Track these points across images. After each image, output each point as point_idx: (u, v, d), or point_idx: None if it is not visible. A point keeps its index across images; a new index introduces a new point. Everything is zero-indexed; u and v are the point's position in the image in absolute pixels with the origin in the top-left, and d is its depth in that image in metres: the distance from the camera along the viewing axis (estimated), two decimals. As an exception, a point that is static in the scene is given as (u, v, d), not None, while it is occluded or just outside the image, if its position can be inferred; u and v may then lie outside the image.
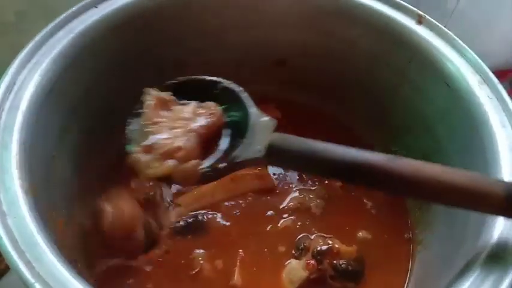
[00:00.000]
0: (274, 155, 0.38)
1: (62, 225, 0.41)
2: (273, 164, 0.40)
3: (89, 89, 0.48)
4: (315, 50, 0.57)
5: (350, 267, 0.47)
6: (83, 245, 0.45)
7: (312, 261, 0.47)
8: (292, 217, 0.52)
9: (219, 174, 0.39)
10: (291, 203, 0.53)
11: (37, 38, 0.43)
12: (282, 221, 0.52)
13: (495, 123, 0.43)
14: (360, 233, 0.51)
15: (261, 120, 0.39)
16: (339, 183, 0.55)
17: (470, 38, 0.49)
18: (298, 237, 0.51)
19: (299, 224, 0.52)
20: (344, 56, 0.56)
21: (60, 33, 0.44)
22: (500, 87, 0.45)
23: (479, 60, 0.47)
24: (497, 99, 0.44)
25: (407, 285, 0.48)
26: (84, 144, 0.48)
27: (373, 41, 0.52)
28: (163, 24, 0.52)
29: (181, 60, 0.55)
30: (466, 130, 0.46)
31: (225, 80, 0.42)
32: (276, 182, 0.54)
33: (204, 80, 0.43)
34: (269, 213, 0.53)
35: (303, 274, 0.47)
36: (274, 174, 0.55)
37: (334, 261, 0.47)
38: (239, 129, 0.40)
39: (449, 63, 0.47)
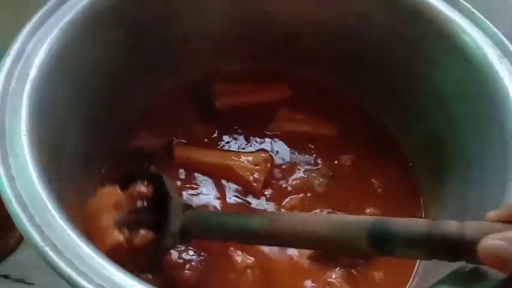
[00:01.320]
0: (187, 235, 0.41)
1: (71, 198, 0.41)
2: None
3: (99, 61, 0.47)
4: (326, 25, 0.56)
5: (360, 245, 0.47)
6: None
7: (323, 237, 0.47)
8: (297, 196, 0.52)
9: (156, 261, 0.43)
10: (294, 182, 0.53)
11: (46, 7, 0.42)
12: (286, 200, 0.52)
13: (516, 100, 0.41)
14: (368, 210, 0.50)
15: (176, 204, 0.42)
16: (348, 162, 0.55)
17: (492, 15, 0.48)
18: (309, 215, 0.50)
19: (306, 203, 0.51)
20: (356, 31, 0.54)
21: (70, 2, 0.43)
22: (522, 61, 0.44)
23: (500, 34, 0.45)
24: (518, 74, 0.43)
25: (417, 268, 0.47)
26: (93, 117, 0.48)
27: (386, 14, 0.51)
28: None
29: (189, 34, 0.54)
30: (482, 106, 0.44)
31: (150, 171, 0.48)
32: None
33: (133, 174, 0.46)
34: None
35: (313, 249, 0.46)
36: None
37: (345, 238, 0.47)
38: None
39: (467, 36, 0.46)
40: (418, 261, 0.47)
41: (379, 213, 0.50)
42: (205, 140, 0.56)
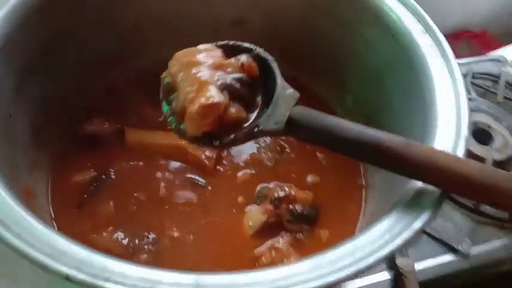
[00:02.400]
0: (293, 128, 0.38)
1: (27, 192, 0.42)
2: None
3: (45, 49, 0.48)
4: (269, 9, 0.59)
5: (305, 212, 0.51)
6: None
7: (270, 207, 0.50)
8: (248, 170, 0.55)
9: (238, 139, 0.38)
10: (245, 158, 0.56)
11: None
12: (239, 174, 0.55)
13: (434, 68, 0.45)
14: (309, 177, 0.54)
15: (285, 93, 0.39)
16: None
17: (426, 1, 0.52)
18: (258, 187, 0.54)
19: (256, 176, 0.54)
20: (296, 14, 0.58)
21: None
22: (440, 35, 0.48)
23: (421, 10, 0.49)
24: (437, 47, 0.47)
25: (361, 223, 0.51)
26: (42, 105, 0.49)
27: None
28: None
29: (135, 22, 0.56)
30: (409, 78, 0.48)
31: (258, 48, 0.41)
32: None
33: (239, 46, 0.42)
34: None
35: (262, 218, 0.50)
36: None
37: (291, 207, 0.50)
38: (265, 97, 0.40)
39: (393, 14, 0.50)
40: (361, 215, 0.52)
41: (318, 180, 0.54)
42: (159, 120, 0.58)
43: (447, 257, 0.59)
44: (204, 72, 0.37)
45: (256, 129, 0.38)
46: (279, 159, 0.57)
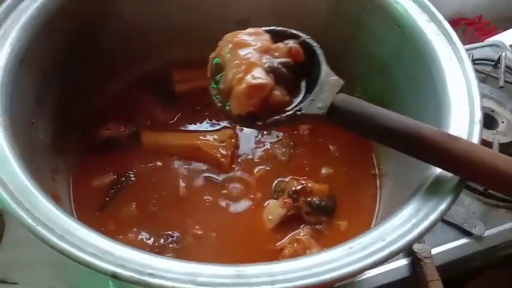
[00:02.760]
0: (335, 115, 0.38)
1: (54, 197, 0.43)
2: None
3: (61, 57, 0.49)
4: (274, 7, 0.60)
5: (323, 203, 0.52)
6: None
7: (289, 200, 0.51)
8: (263, 166, 0.56)
9: (281, 121, 0.39)
10: (260, 154, 0.57)
11: (2, 8, 0.43)
12: (255, 170, 0.56)
13: (442, 56, 0.47)
14: (324, 170, 0.56)
15: (329, 79, 0.39)
16: (306, 132, 0.59)
17: None
18: (274, 182, 0.55)
19: (272, 171, 0.56)
20: (302, 10, 0.59)
21: (24, 3, 0.45)
22: (445, 23, 0.49)
23: (426, 1, 0.50)
24: (444, 34, 0.48)
25: (377, 212, 0.53)
26: (59, 111, 0.50)
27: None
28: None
29: (144, 25, 0.57)
30: (417, 67, 0.49)
31: (303, 35, 0.42)
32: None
33: (285, 31, 0.42)
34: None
35: (281, 212, 0.51)
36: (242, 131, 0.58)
37: (309, 199, 0.51)
38: (308, 82, 0.41)
39: (398, 5, 0.51)
40: (377, 203, 0.53)
41: (332, 171, 0.55)
42: (170, 122, 0.59)
43: (461, 241, 0.60)
44: (253, 54, 0.38)
45: (298, 113, 0.38)
46: (292, 153, 0.58)
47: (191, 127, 0.59)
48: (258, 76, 0.36)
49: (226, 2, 0.60)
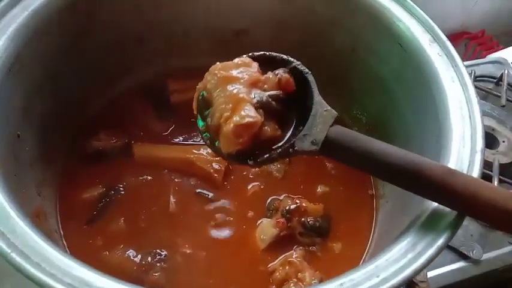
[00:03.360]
0: (330, 149, 0.37)
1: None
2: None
3: (51, 66, 0.48)
4: (274, 19, 0.58)
5: (317, 224, 0.50)
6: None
7: (282, 220, 0.50)
8: (257, 183, 0.54)
9: (272, 159, 0.37)
10: (254, 170, 0.55)
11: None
12: (249, 186, 0.54)
13: (445, 78, 0.45)
14: (319, 188, 0.54)
15: (322, 111, 0.38)
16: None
17: (425, 2, 0.51)
18: (268, 200, 0.53)
19: (266, 189, 0.54)
20: (302, 22, 0.57)
21: (14, 11, 0.43)
22: (449, 44, 0.48)
23: (430, 20, 0.49)
24: (447, 56, 0.47)
25: (372, 235, 0.51)
26: (48, 122, 0.48)
27: (329, 6, 0.54)
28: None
29: (141, 34, 0.55)
30: (419, 88, 0.48)
31: (294, 60, 0.40)
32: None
33: (276, 57, 0.41)
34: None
35: (274, 231, 0.49)
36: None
37: (303, 219, 0.50)
38: (300, 111, 0.39)
39: (400, 23, 0.49)
40: (373, 225, 0.52)
41: (328, 190, 0.54)
42: (164, 134, 0.58)
43: (458, 264, 0.59)
44: (240, 89, 0.36)
45: (291, 150, 0.37)
46: (287, 170, 0.56)
47: (185, 139, 0.58)
48: (246, 114, 0.35)
49: (225, 12, 0.59)
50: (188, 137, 0.58)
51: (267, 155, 0.36)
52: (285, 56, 0.40)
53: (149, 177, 0.54)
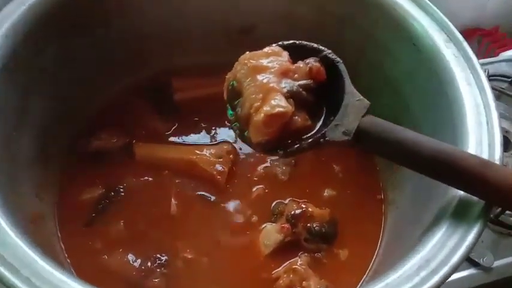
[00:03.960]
0: (362, 140, 0.36)
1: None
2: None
3: (50, 64, 0.46)
4: (282, 16, 0.56)
5: (323, 230, 0.48)
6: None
7: (287, 225, 0.48)
8: (262, 186, 0.52)
9: (303, 149, 0.36)
10: (259, 172, 0.53)
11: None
12: (253, 189, 0.52)
13: (461, 81, 0.43)
14: (326, 191, 0.52)
15: (354, 101, 0.37)
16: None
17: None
18: (273, 204, 0.51)
19: (270, 192, 0.52)
20: (312, 20, 0.55)
21: (10, 7, 0.41)
22: (466, 45, 0.45)
23: (446, 19, 0.47)
24: (463, 57, 0.45)
25: (380, 242, 0.49)
26: (47, 122, 0.47)
27: (340, 2, 0.51)
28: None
29: (142, 31, 0.54)
30: (432, 89, 0.46)
31: (326, 49, 0.39)
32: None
33: (306, 46, 0.40)
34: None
35: (278, 237, 0.48)
36: (240, 149, 0.55)
37: (308, 224, 0.48)
38: (331, 101, 0.38)
39: (415, 22, 0.47)
40: (381, 234, 0.50)
41: (335, 194, 0.52)
42: (167, 133, 0.56)
43: (468, 272, 0.57)
44: (271, 78, 0.36)
45: (322, 140, 0.36)
46: (293, 172, 0.54)
47: (188, 139, 0.56)
48: (276, 104, 0.34)
49: (227, 7, 0.56)
50: (191, 136, 0.56)
51: (297, 145, 0.36)
52: (315, 45, 0.39)
53: (150, 179, 0.52)
